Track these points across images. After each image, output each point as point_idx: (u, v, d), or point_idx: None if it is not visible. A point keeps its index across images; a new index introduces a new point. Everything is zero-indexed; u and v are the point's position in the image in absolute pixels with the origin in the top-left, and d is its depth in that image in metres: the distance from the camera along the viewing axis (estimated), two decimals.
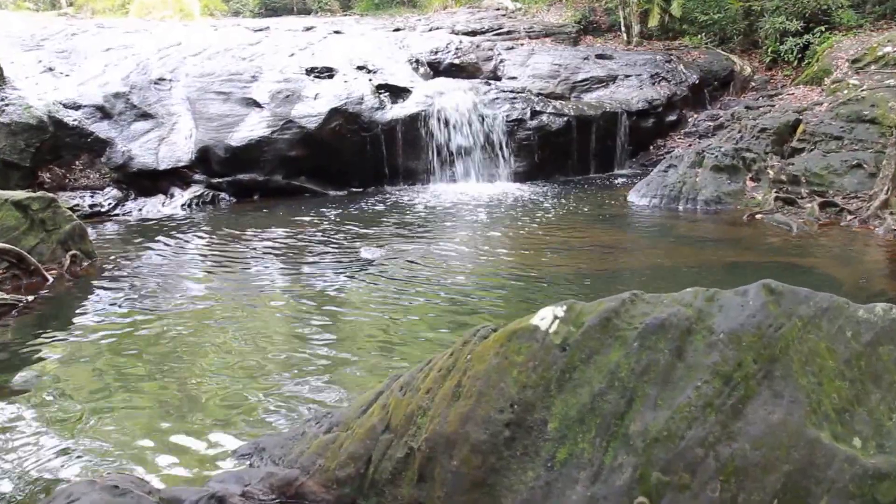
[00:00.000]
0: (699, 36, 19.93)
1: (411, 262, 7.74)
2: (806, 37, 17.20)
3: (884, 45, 14.49)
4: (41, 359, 5.04)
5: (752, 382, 2.38)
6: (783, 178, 10.87)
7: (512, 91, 14.97)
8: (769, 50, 18.26)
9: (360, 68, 14.71)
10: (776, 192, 10.47)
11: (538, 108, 14.49)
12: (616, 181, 14.21)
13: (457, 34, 19.20)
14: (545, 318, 2.69)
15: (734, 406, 2.36)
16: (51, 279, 6.98)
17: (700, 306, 2.60)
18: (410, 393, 2.94)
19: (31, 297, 6.40)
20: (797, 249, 8.19)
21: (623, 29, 20.50)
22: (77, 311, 6.21)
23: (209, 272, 7.61)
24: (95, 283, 7.10)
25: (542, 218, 10.34)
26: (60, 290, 6.84)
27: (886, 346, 2.41)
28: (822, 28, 17.05)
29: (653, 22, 20.31)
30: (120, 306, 6.26)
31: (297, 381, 4.52)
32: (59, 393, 4.44)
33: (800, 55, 17.43)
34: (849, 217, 9.48)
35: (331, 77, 14.13)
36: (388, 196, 12.50)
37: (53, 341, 5.40)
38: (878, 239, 8.52)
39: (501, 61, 17.49)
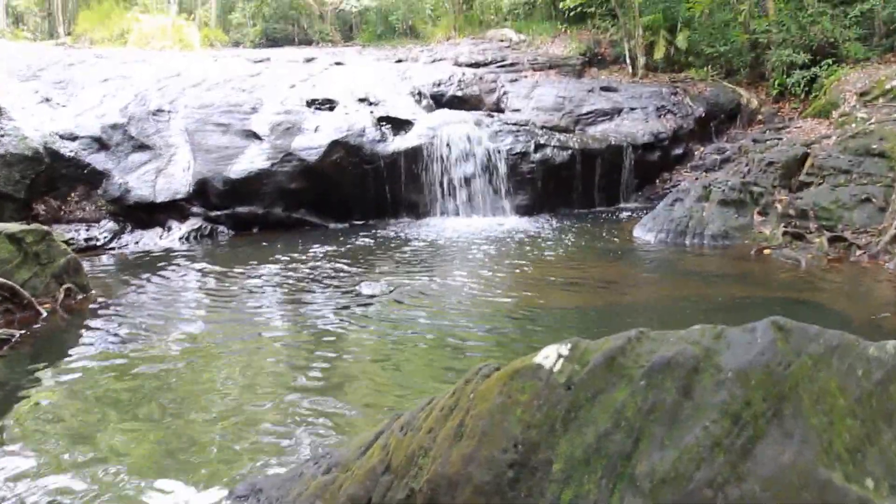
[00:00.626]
0: (705, 68, 20.08)
1: (412, 297, 7.74)
2: (813, 69, 17.33)
3: (892, 79, 14.61)
4: (31, 395, 5.02)
5: (762, 422, 2.38)
6: (791, 212, 10.89)
7: (516, 124, 15.06)
8: (776, 82, 18.39)
9: (361, 100, 14.82)
10: (784, 226, 10.49)
11: (542, 141, 14.57)
12: (621, 215, 14.25)
13: (460, 66, 19.36)
14: (549, 356, 2.69)
15: (743, 446, 2.35)
16: (44, 313, 6.97)
17: (707, 344, 2.60)
18: (411, 433, 2.93)
19: (23, 332, 6.40)
20: (806, 285, 8.18)
21: (628, 61, 20.67)
22: (70, 347, 6.19)
23: (205, 307, 7.61)
24: (89, 317, 7.10)
25: (546, 253, 10.35)
26: (54, 325, 6.83)
27: None
28: (830, 61, 17.18)
29: (658, 54, 20.50)
30: (113, 342, 6.25)
31: (294, 420, 4.50)
32: (48, 431, 4.42)
33: (807, 88, 17.54)
34: (858, 252, 9.47)
35: (332, 109, 14.23)
36: (389, 229, 12.54)
37: (44, 378, 5.38)
38: (889, 274, 8.51)
39: (505, 93, 17.63)
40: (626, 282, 8.73)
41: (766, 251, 9.85)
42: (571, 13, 21.00)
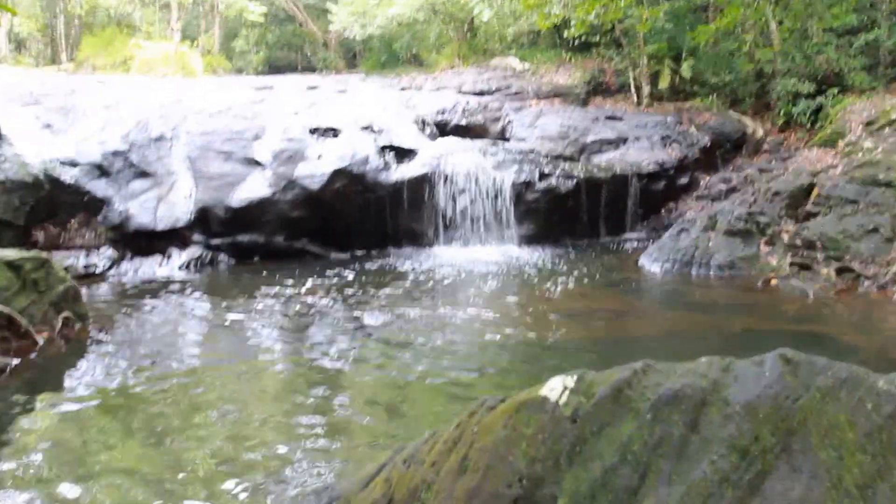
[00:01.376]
0: (710, 97, 20.17)
1: (415, 328, 7.73)
2: (819, 99, 17.41)
3: None
4: (25, 426, 5.01)
5: (770, 456, 2.37)
6: (798, 242, 10.89)
7: (520, 152, 15.12)
8: (782, 112, 18.46)
9: (364, 128, 14.86)
10: (791, 256, 10.49)
11: (547, 170, 14.61)
12: (627, 245, 14.26)
13: (464, 94, 19.46)
14: (555, 388, 2.69)
15: (751, 481, 2.34)
16: (41, 342, 6.93)
17: (715, 377, 2.60)
18: (415, 466, 2.92)
19: (18, 361, 6.38)
20: (814, 316, 8.18)
21: (633, 90, 20.77)
22: (66, 377, 6.18)
23: (204, 338, 7.60)
24: (87, 347, 7.09)
25: (551, 283, 10.35)
26: (50, 354, 6.81)
27: None
28: (835, 90, 17.26)
29: (663, 83, 20.61)
30: (110, 372, 6.23)
31: (295, 454, 4.49)
32: (42, 462, 4.40)
33: (813, 117, 17.62)
34: (866, 283, 9.47)
35: (335, 137, 14.27)
36: (391, 259, 12.55)
37: (39, 407, 5.37)
38: None
39: (509, 122, 17.71)
40: (633, 313, 8.73)
41: (774, 282, 9.85)
42: (576, 42, 21.12)
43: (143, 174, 12.84)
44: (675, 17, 20.75)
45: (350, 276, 10.94)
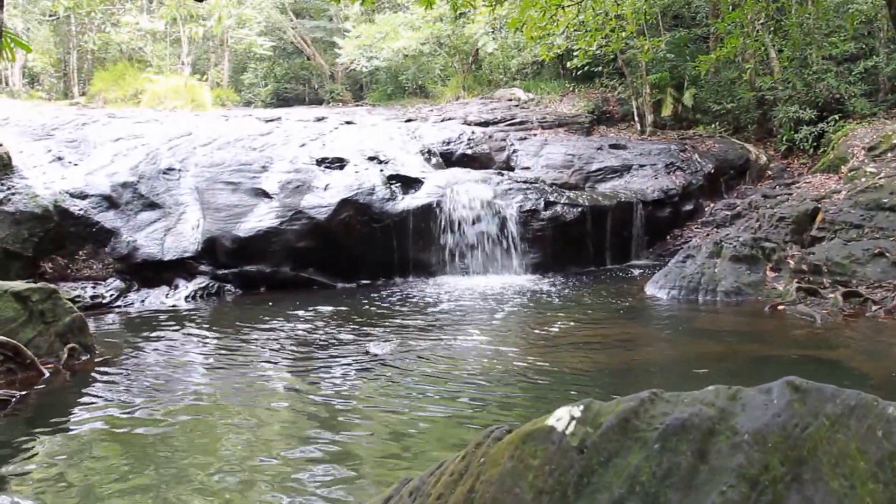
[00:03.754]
0: (713, 125, 20.25)
1: (421, 358, 7.67)
2: (820, 125, 17.47)
3: None
4: (28, 459, 4.95)
5: (780, 486, 2.32)
6: (804, 267, 10.84)
7: (525, 181, 15.14)
8: (784, 138, 18.52)
9: (371, 159, 14.93)
10: (798, 282, 10.43)
11: (552, 199, 14.61)
12: (632, 272, 14.21)
13: (469, 125, 19.56)
14: (561, 418, 2.65)
15: None
16: (47, 373, 6.91)
17: (722, 405, 2.56)
18: (421, 499, 2.88)
19: (23, 393, 6.33)
20: (822, 342, 8.10)
21: (636, 119, 20.87)
22: (70, 409, 6.11)
23: (211, 369, 7.56)
24: (92, 379, 7.02)
25: (557, 311, 10.30)
26: (56, 386, 6.78)
27: None
28: (836, 116, 17.34)
29: (666, 111, 20.71)
30: (116, 405, 6.17)
31: (300, 485, 4.43)
32: (44, 494, 4.35)
33: (815, 143, 17.67)
34: (874, 307, 9.39)
35: (342, 167, 14.33)
36: (398, 289, 12.51)
37: (43, 440, 5.32)
38: None
39: (514, 151, 17.78)
40: (639, 340, 8.66)
41: (780, 307, 9.78)
42: (579, 72, 21.26)
43: (152, 205, 12.88)
44: (677, 47, 20.90)
45: (356, 305, 10.90)
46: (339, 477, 4.56)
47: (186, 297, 11.55)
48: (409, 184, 14.22)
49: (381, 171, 14.30)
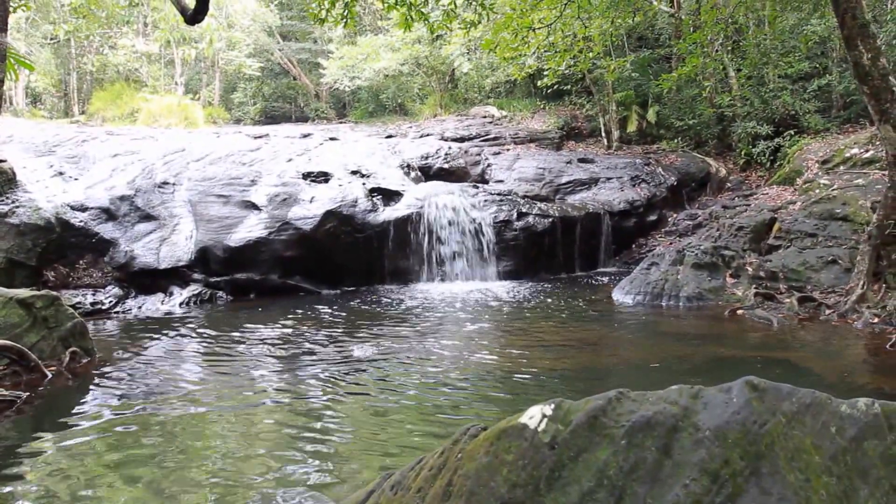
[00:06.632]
0: (676, 140, 20.39)
1: (402, 360, 7.65)
2: (777, 140, 17.65)
3: (850, 147, 14.86)
4: (34, 456, 4.89)
5: (740, 480, 2.32)
6: (762, 274, 10.92)
7: (499, 194, 15.18)
8: (742, 152, 18.67)
9: (354, 173, 14.92)
10: (756, 287, 10.50)
11: (524, 210, 14.65)
12: (600, 279, 14.25)
13: (446, 140, 19.58)
14: (534, 416, 2.64)
15: None
16: (49, 375, 6.87)
17: (685, 404, 2.55)
18: (401, 492, 2.86)
19: (28, 393, 6.28)
20: (779, 344, 8.14)
21: (603, 134, 20.98)
22: (72, 409, 6.06)
23: (203, 371, 7.49)
24: (93, 380, 6.97)
25: (530, 316, 10.31)
26: (58, 387, 6.72)
27: (871, 440, 2.35)
28: (792, 132, 17.51)
29: (631, 128, 20.85)
30: (115, 405, 6.12)
31: (289, 479, 4.39)
32: (50, 492, 4.29)
33: (772, 157, 17.83)
34: (827, 311, 9.46)
35: (326, 181, 14.31)
36: (379, 295, 12.47)
37: (47, 439, 5.26)
38: (857, 332, 8.50)
39: (489, 165, 17.80)
40: (606, 343, 8.67)
41: (739, 312, 9.83)
42: (549, 91, 21.37)
43: (148, 217, 12.78)
44: (641, 67, 21.06)
45: (340, 311, 10.86)
46: (325, 471, 4.53)
47: (181, 303, 11.49)
48: (390, 196, 14.22)
49: (364, 184, 14.29)
